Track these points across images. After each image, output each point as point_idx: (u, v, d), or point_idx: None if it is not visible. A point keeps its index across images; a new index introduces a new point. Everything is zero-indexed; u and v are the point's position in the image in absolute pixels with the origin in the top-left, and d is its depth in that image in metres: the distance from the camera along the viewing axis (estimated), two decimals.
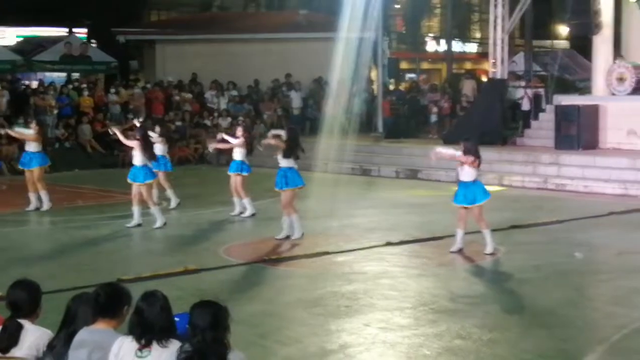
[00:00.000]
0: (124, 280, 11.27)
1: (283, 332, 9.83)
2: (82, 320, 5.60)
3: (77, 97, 29.66)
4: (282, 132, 15.58)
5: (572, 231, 15.93)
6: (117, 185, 20.49)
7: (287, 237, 14.98)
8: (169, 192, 18.65)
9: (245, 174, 17.55)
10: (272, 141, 15.40)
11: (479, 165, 13.88)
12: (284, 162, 14.99)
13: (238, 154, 17.65)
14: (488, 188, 14.36)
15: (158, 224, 16.31)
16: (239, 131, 17.99)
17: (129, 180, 16.45)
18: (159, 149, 18.03)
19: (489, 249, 13.75)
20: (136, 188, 16.33)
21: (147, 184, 16.37)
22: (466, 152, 13.76)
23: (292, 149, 15.01)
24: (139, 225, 16.39)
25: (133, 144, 16.64)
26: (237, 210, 17.77)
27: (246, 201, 17.63)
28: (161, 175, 18.31)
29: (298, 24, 35.17)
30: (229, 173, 17.73)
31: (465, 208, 13.79)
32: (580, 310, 10.81)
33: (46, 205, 18.43)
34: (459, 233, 13.97)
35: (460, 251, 13.90)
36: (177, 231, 16.35)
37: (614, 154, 22.70)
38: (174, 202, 18.60)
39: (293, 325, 10.15)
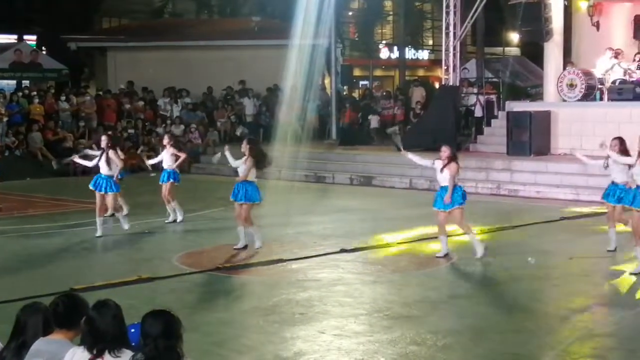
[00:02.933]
0: (77, 289, 11.15)
1: (238, 340, 9.79)
2: (32, 330, 5.51)
3: (28, 104, 29.28)
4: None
5: (525, 236, 16.06)
6: (69, 193, 20.30)
7: (245, 247, 14.87)
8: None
9: (173, 181, 17.64)
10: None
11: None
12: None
13: (167, 162, 17.75)
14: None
15: (98, 233, 16.33)
16: (166, 139, 18.04)
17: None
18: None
19: (479, 252, 13.85)
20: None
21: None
22: (451, 156, 13.81)
23: (260, 161, 14.88)
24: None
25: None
26: (171, 217, 17.86)
27: (174, 206, 17.78)
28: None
29: (251, 30, 35.14)
30: (160, 183, 17.75)
31: (444, 212, 13.85)
32: (533, 315, 10.89)
33: None
34: (444, 239, 14.07)
35: (446, 256, 13.98)
36: (130, 239, 16.21)
37: (565, 159, 22.95)
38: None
39: (248, 333, 10.11)
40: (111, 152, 16.51)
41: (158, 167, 18.73)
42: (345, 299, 11.51)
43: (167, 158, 17.86)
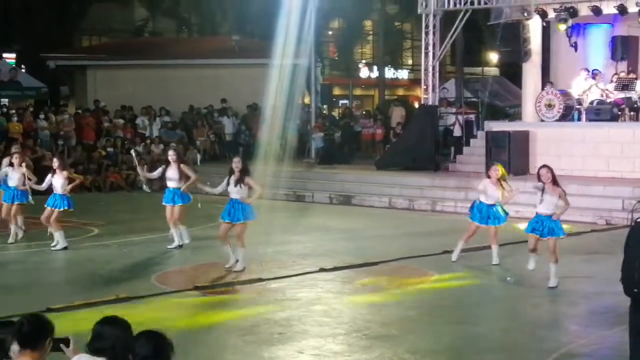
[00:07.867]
0: (54, 309, 11.06)
1: None
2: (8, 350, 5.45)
3: (6, 123, 29.20)
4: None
5: (504, 256, 16.07)
6: None
7: (237, 262, 14.80)
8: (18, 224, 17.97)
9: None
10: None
11: None
12: (238, 193, 14.54)
13: (59, 188, 16.83)
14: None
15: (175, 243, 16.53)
16: (55, 163, 17.32)
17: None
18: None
19: (496, 260, 15.01)
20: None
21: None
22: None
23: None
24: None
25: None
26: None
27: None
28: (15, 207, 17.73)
29: (231, 49, 35.19)
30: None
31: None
32: (511, 334, 10.90)
33: None
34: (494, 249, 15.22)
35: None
36: (108, 258, 16.11)
37: None
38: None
39: (226, 353, 10.06)
40: (182, 165, 16.66)
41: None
42: (324, 318, 11.48)
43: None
